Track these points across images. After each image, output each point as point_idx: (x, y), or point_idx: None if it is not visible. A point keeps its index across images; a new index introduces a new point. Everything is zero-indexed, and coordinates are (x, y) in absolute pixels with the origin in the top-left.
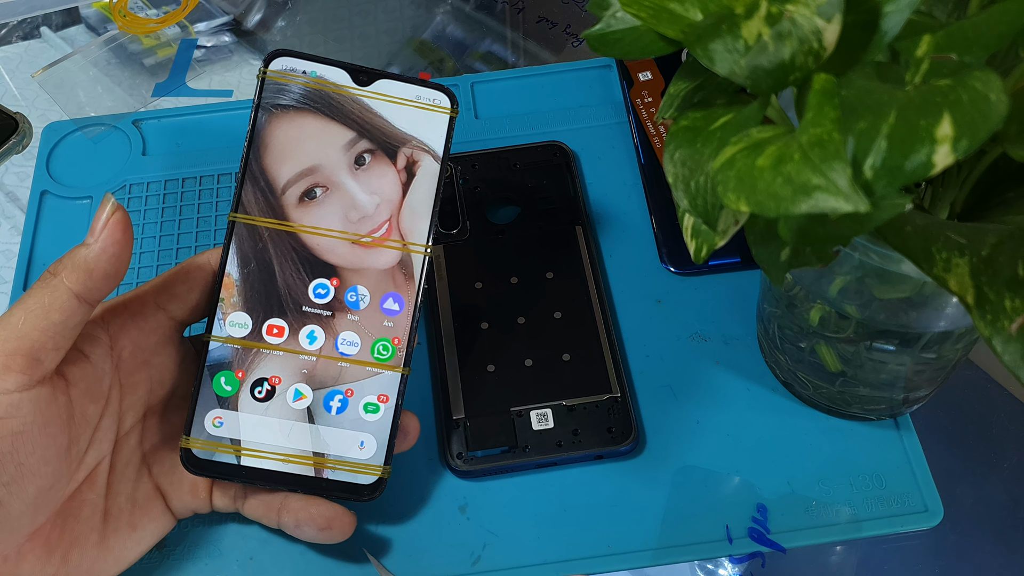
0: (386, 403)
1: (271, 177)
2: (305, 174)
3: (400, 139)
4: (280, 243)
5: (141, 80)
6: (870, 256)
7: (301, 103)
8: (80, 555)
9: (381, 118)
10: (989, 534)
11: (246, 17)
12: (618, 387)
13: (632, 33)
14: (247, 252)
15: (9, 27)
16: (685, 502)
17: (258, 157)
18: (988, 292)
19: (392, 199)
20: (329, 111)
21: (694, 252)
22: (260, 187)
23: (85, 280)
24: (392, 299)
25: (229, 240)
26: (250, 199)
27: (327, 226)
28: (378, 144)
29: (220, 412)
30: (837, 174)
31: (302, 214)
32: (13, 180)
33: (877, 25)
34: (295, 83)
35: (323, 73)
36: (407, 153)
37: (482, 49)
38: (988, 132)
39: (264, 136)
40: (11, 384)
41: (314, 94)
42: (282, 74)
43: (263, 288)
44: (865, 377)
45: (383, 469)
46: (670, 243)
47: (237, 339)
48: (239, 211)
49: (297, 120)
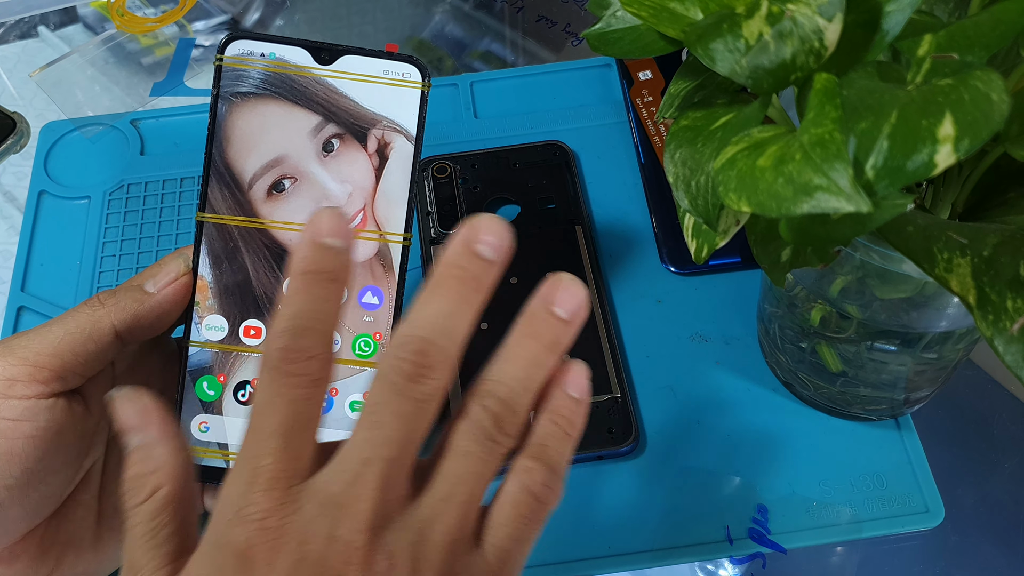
0: None
1: (236, 172)
2: (271, 165)
3: (369, 120)
4: (251, 241)
5: (139, 79)
6: (871, 256)
7: (262, 89)
8: (75, 557)
9: (347, 98)
10: (990, 535)
11: (244, 16)
12: (618, 387)
13: (632, 32)
14: (218, 253)
15: (7, 26)
16: (685, 503)
17: (221, 151)
18: (990, 292)
19: (365, 186)
20: (292, 95)
21: (695, 252)
22: (226, 183)
23: (131, 324)
24: (371, 292)
25: (199, 242)
26: (216, 197)
27: (298, 220)
28: (346, 127)
29: (205, 417)
30: (838, 174)
31: (271, 208)
32: (11, 180)
33: (878, 24)
34: (254, 68)
35: (282, 54)
36: (378, 135)
37: (481, 48)
38: (990, 132)
39: (226, 128)
40: (32, 391)
41: (274, 78)
42: (239, 59)
43: (237, 289)
44: (866, 377)
45: None
46: (670, 243)
47: (215, 343)
48: (206, 210)
49: (259, 108)
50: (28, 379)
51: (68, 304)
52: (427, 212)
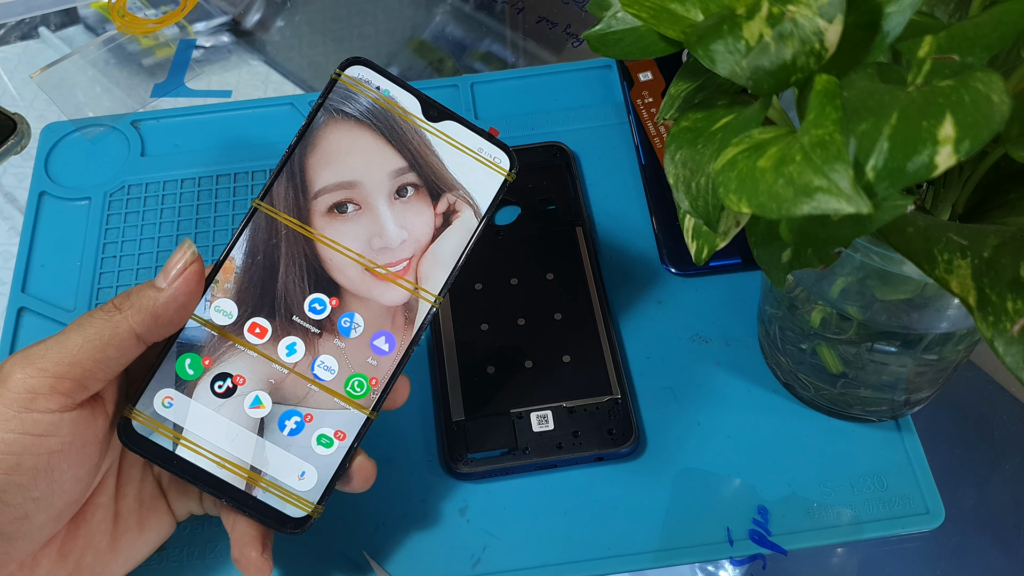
0: (341, 440)
1: (309, 178)
2: (343, 186)
3: (448, 184)
4: (294, 245)
5: (140, 80)
6: (871, 257)
7: (364, 116)
8: (93, 558)
9: (437, 157)
10: (990, 536)
11: (245, 17)
12: (618, 389)
13: (633, 33)
14: (258, 243)
15: (7, 27)
16: (686, 504)
17: (303, 154)
18: (990, 294)
19: (421, 239)
20: (389, 133)
21: (695, 253)
22: (295, 184)
23: (150, 324)
24: (385, 338)
25: (245, 225)
26: (280, 192)
27: (347, 244)
28: (425, 181)
29: (173, 393)
30: (839, 175)
31: (326, 224)
32: (11, 181)
33: (879, 26)
34: (365, 94)
35: (395, 95)
36: (451, 200)
37: (482, 49)
38: (990, 133)
39: (316, 136)
40: (55, 404)
41: (380, 112)
42: (356, 82)
43: (261, 284)
44: (866, 379)
45: (315, 508)
46: (671, 244)
47: (216, 325)
48: (265, 200)
49: (354, 131)
50: (50, 391)
51: (69, 305)
52: None
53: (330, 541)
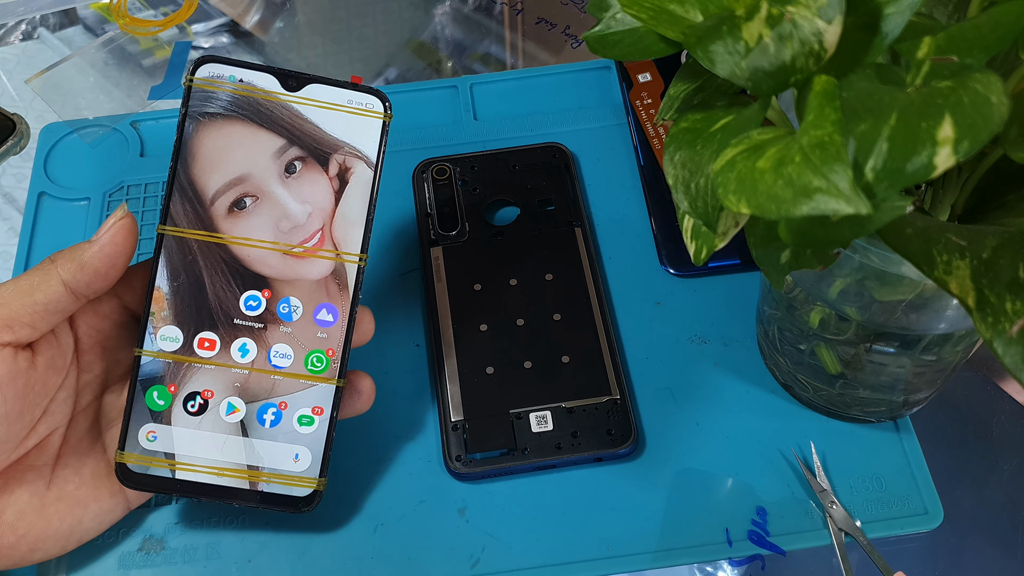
0: (321, 415)
1: (199, 188)
2: (234, 183)
3: (332, 145)
4: (210, 255)
5: (139, 81)
6: (870, 258)
7: (229, 111)
8: (16, 516)
9: (312, 124)
10: (989, 536)
11: (244, 18)
12: (617, 389)
13: (632, 34)
14: (176, 265)
15: (7, 28)
16: (685, 505)
17: (186, 167)
18: (989, 294)
19: (324, 208)
20: (258, 118)
21: (694, 254)
22: (188, 198)
23: (76, 272)
24: (326, 310)
25: (158, 253)
26: (178, 211)
27: (258, 237)
28: (309, 151)
29: (153, 426)
30: (838, 176)
31: (232, 225)
32: (11, 181)
33: (878, 27)
34: (223, 90)
35: (251, 79)
36: (339, 160)
37: (481, 50)
38: (989, 134)
39: (192, 146)
40: None
41: (242, 101)
42: (209, 80)
43: (193, 301)
44: (865, 379)
45: (318, 481)
46: (670, 245)
47: (168, 353)
48: (167, 223)
49: (225, 128)
50: None
51: None
52: (427, 214)
53: (330, 541)
